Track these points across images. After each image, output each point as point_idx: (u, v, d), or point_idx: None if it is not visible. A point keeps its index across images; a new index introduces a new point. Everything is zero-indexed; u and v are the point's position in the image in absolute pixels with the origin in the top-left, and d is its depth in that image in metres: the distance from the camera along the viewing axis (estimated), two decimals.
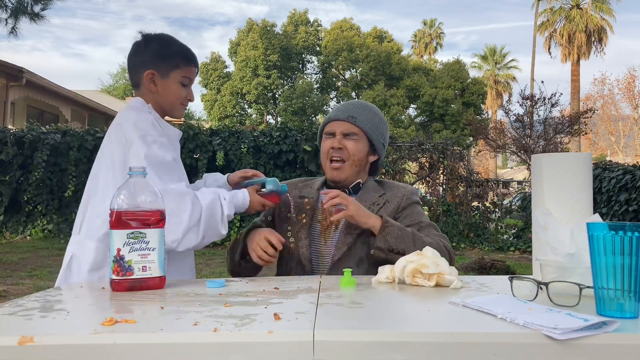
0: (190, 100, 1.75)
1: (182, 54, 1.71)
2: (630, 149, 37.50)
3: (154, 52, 1.69)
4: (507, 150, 12.55)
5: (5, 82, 13.91)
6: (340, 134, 1.76)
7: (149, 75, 1.67)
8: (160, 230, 1.29)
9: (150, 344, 0.83)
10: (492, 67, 40.09)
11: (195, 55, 1.76)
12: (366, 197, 1.76)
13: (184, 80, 1.70)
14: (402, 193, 1.78)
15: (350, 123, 1.76)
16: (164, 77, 1.68)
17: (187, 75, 1.71)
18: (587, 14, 30.07)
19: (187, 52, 1.73)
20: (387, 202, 1.75)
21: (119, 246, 1.25)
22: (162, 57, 1.68)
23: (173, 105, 1.72)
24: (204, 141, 9.51)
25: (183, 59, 1.70)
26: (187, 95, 1.73)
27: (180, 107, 1.73)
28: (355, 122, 1.76)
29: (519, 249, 9.40)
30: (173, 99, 1.70)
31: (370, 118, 1.79)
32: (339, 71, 33.99)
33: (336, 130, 1.77)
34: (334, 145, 1.75)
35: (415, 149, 10.70)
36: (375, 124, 1.80)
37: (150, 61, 1.68)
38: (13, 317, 1.00)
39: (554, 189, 1.27)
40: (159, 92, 1.69)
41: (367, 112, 1.79)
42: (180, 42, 1.74)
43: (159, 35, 1.74)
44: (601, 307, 0.94)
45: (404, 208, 1.75)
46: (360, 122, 1.76)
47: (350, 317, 0.98)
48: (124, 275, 1.25)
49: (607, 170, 9.35)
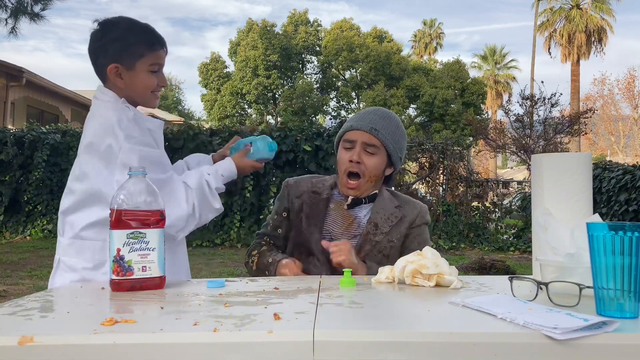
0: (163, 86, 1.63)
1: (145, 40, 1.56)
2: (630, 149, 37.50)
3: (114, 43, 1.54)
4: (507, 150, 12.55)
5: (5, 82, 13.91)
6: (361, 144, 1.71)
7: (113, 69, 1.55)
8: (160, 230, 1.29)
9: (150, 344, 0.83)
10: (492, 67, 40.11)
11: (161, 36, 1.61)
12: (383, 208, 1.76)
13: (152, 67, 1.57)
14: (418, 211, 1.78)
15: (372, 135, 1.71)
16: (130, 69, 1.55)
17: (155, 61, 1.57)
18: (587, 14, 30.08)
19: (151, 36, 1.58)
20: (404, 216, 1.76)
21: (118, 246, 1.25)
22: (123, 48, 1.54)
23: (144, 97, 1.60)
24: (204, 141, 9.51)
25: (147, 45, 1.56)
26: (159, 82, 1.61)
27: (153, 97, 1.62)
28: (377, 134, 1.71)
29: (519, 249, 9.40)
30: (143, 90, 1.58)
31: (392, 131, 1.74)
32: (339, 71, 33.99)
33: (357, 139, 1.71)
34: (352, 158, 1.70)
35: (415, 149, 10.70)
36: (397, 137, 1.75)
37: (111, 54, 1.54)
38: (13, 317, 0.99)
39: (554, 189, 1.27)
40: (128, 85, 1.56)
41: (390, 125, 1.74)
42: (141, 25, 1.59)
43: (117, 21, 1.58)
44: (601, 307, 0.94)
45: (417, 226, 1.78)
46: (382, 135, 1.71)
47: (350, 317, 0.98)
48: (124, 275, 1.25)
49: (607, 170, 9.35)
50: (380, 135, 1.71)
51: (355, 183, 1.72)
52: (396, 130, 1.75)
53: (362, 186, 1.73)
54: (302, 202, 1.79)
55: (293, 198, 1.81)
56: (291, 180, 1.87)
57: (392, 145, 1.73)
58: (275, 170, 9.56)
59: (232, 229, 9.55)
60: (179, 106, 44.53)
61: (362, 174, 1.71)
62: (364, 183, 1.73)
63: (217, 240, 9.45)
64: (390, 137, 1.73)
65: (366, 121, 1.72)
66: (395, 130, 1.75)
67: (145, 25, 1.60)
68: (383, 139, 1.71)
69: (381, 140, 1.71)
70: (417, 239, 1.76)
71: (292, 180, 1.87)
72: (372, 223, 1.73)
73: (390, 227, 1.73)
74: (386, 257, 1.71)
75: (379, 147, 1.72)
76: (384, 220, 1.73)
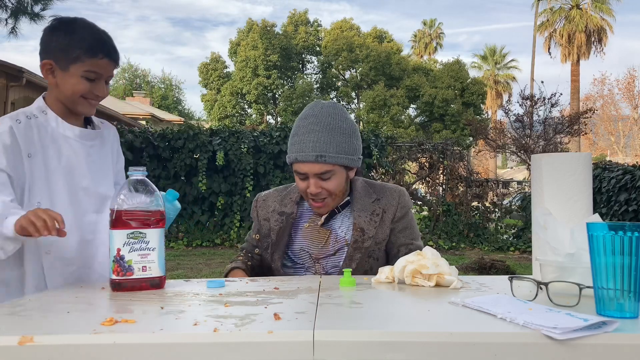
0: (100, 96, 1.55)
1: (87, 45, 1.49)
2: (630, 149, 37.50)
3: (57, 42, 1.51)
4: (507, 150, 12.55)
5: (5, 82, 13.90)
6: (314, 176, 1.61)
7: (46, 65, 1.51)
8: (160, 230, 1.29)
9: (150, 344, 0.83)
10: (492, 67, 40.10)
11: (110, 47, 1.55)
12: (362, 206, 1.71)
13: (88, 74, 1.50)
14: (397, 201, 1.73)
15: (321, 163, 1.59)
16: (64, 69, 1.50)
17: (92, 69, 1.50)
18: (586, 14, 30.08)
19: (96, 43, 1.51)
20: (385, 211, 1.71)
21: (118, 246, 1.25)
22: (63, 48, 1.49)
23: (71, 100, 1.52)
24: (204, 141, 9.52)
25: (87, 51, 1.49)
26: (94, 90, 1.53)
27: (82, 102, 1.53)
28: (325, 160, 1.58)
29: (518, 249, 9.40)
30: (70, 92, 1.51)
31: (340, 144, 1.60)
32: (339, 71, 33.99)
33: (308, 172, 1.61)
34: (310, 191, 1.63)
35: (415, 149, 10.71)
36: (347, 146, 1.62)
37: (51, 51, 1.51)
38: (13, 317, 1.00)
39: (554, 189, 1.27)
40: (58, 85, 1.52)
41: (334, 138, 1.60)
42: (92, 31, 1.53)
43: (70, 21, 1.54)
44: (601, 307, 0.94)
45: (400, 219, 1.73)
46: (331, 159, 1.59)
47: (350, 317, 0.98)
48: (124, 275, 1.25)
49: (607, 170, 9.35)
50: (329, 160, 1.59)
51: (322, 203, 1.66)
52: (343, 141, 1.61)
53: (329, 204, 1.68)
54: (270, 228, 1.74)
55: (262, 220, 1.78)
56: (261, 197, 1.83)
57: (344, 159, 1.62)
58: (275, 170, 9.56)
59: (232, 229, 9.55)
60: (179, 106, 44.55)
61: (326, 196, 1.65)
62: (331, 201, 1.67)
63: (217, 240, 9.45)
64: (341, 152, 1.61)
65: (309, 149, 1.59)
66: (342, 139, 1.61)
67: (97, 32, 1.54)
68: (334, 161, 1.59)
69: (332, 163, 1.60)
70: (403, 232, 1.73)
71: (261, 197, 1.83)
72: (358, 228, 1.68)
73: (375, 228, 1.69)
74: (376, 260, 1.69)
75: (332, 170, 1.61)
76: (368, 222, 1.69)
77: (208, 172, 9.53)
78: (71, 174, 1.54)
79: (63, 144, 1.54)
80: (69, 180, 1.53)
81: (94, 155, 1.60)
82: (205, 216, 9.70)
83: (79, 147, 1.56)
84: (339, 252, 1.69)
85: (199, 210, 9.69)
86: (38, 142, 1.50)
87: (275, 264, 1.71)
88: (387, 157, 10.42)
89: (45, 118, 1.54)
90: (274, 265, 1.71)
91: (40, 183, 1.47)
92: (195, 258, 8.05)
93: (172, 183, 9.54)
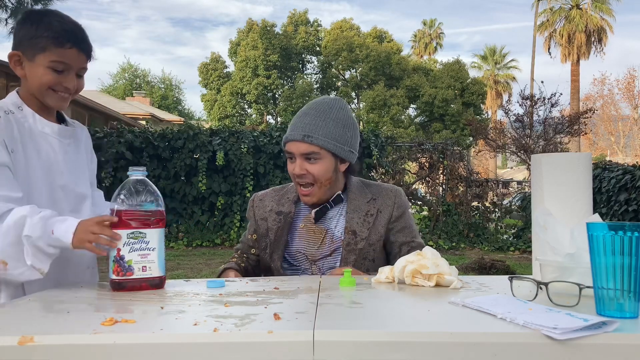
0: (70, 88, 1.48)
1: (53, 35, 1.43)
2: (630, 149, 37.50)
3: (25, 32, 1.45)
4: (507, 150, 12.54)
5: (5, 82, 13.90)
6: (300, 156, 1.61)
7: (13, 57, 1.46)
8: (160, 230, 1.29)
9: (150, 344, 0.83)
10: (492, 67, 40.11)
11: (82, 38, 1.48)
12: (355, 208, 1.71)
13: (53, 65, 1.44)
14: (393, 201, 1.72)
15: (307, 143, 1.59)
16: (30, 60, 1.45)
17: (59, 59, 1.44)
18: (586, 14, 30.09)
19: (63, 33, 1.44)
20: (380, 211, 1.71)
21: (119, 246, 1.25)
22: (29, 38, 1.44)
23: (40, 92, 1.47)
24: (204, 141, 9.52)
25: (53, 40, 1.43)
26: (63, 81, 1.46)
27: (51, 94, 1.47)
28: (312, 141, 1.58)
29: (518, 249, 9.40)
30: (38, 85, 1.45)
31: (330, 130, 1.60)
32: (339, 71, 34.00)
33: (294, 152, 1.62)
34: (295, 172, 1.62)
35: (415, 149, 10.71)
36: (338, 133, 1.62)
37: (17, 41, 1.46)
38: (13, 317, 1.00)
39: (554, 189, 1.27)
40: (27, 76, 1.47)
41: (326, 124, 1.60)
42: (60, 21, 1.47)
43: (40, 12, 1.51)
44: (601, 307, 0.94)
45: (397, 218, 1.73)
46: (318, 140, 1.59)
47: (350, 317, 0.98)
48: (124, 275, 1.25)
49: (607, 170, 9.35)
50: (316, 141, 1.59)
51: (308, 190, 1.65)
52: (335, 127, 1.62)
53: (315, 193, 1.65)
54: (267, 228, 1.74)
55: (259, 220, 1.77)
56: (257, 196, 1.83)
57: (333, 144, 1.61)
58: (275, 170, 9.56)
59: (232, 229, 9.55)
60: (179, 106, 44.53)
61: (312, 182, 1.64)
62: (317, 190, 1.65)
63: (217, 240, 9.45)
64: (329, 137, 1.60)
65: (299, 129, 1.61)
66: (334, 126, 1.61)
67: (66, 23, 1.47)
68: (320, 143, 1.59)
69: (319, 145, 1.59)
70: (402, 231, 1.72)
71: (258, 197, 1.83)
72: (349, 231, 1.67)
73: (368, 230, 1.68)
74: (372, 261, 1.68)
75: (319, 152, 1.60)
76: (361, 224, 1.68)
77: (208, 172, 9.53)
78: (50, 171, 1.49)
79: (41, 141, 1.49)
80: (48, 177, 1.49)
81: (70, 154, 1.55)
82: (205, 216, 9.70)
83: (57, 144, 1.51)
84: (335, 253, 1.68)
85: (199, 210, 9.69)
86: (18, 138, 1.44)
87: (275, 264, 1.71)
88: (387, 157, 10.42)
89: (22, 114, 1.48)
90: (273, 265, 1.71)
91: (20, 180, 1.42)
92: (195, 258, 8.05)
93: (172, 183, 9.55)
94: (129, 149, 9.30)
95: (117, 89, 40.28)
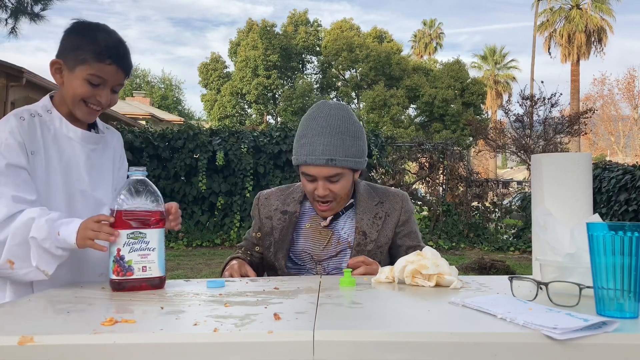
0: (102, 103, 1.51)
1: (95, 49, 1.47)
2: (630, 149, 37.50)
3: (70, 42, 1.51)
4: (507, 150, 12.54)
5: (5, 82, 13.91)
6: (323, 178, 1.62)
7: (55, 64, 1.50)
8: (160, 230, 1.29)
9: (150, 344, 0.83)
10: (492, 67, 40.10)
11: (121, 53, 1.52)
12: (366, 208, 1.73)
13: (92, 78, 1.47)
14: (400, 205, 1.76)
15: (330, 167, 1.60)
16: (71, 70, 1.49)
17: (97, 73, 1.47)
18: (586, 14, 30.08)
19: (105, 48, 1.48)
20: (388, 215, 1.74)
21: (119, 246, 1.25)
22: (73, 48, 1.49)
23: (72, 102, 1.50)
24: (204, 141, 9.52)
25: (94, 54, 1.47)
26: (97, 95, 1.49)
27: (81, 106, 1.50)
28: (335, 164, 1.60)
29: (519, 249, 9.40)
30: (72, 94, 1.49)
31: (348, 148, 1.62)
32: (339, 71, 33.99)
33: (317, 175, 1.62)
34: (319, 193, 1.63)
35: (415, 149, 10.71)
36: (355, 150, 1.64)
37: (62, 50, 1.51)
38: (13, 317, 1.00)
39: (554, 189, 1.27)
40: (65, 85, 1.51)
41: (344, 142, 1.61)
42: (107, 36, 1.51)
43: (88, 24, 1.54)
44: (601, 307, 0.94)
45: (404, 223, 1.76)
46: (341, 163, 1.60)
47: (350, 317, 0.98)
48: (124, 276, 1.25)
49: (607, 170, 9.35)
50: (339, 164, 1.60)
51: (327, 206, 1.67)
52: (352, 142, 1.63)
53: (334, 207, 1.69)
54: (272, 226, 1.75)
55: (263, 218, 1.78)
56: (263, 195, 1.84)
57: (353, 162, 1.63)
58: (275, 170, 9.56)
59: (232, 229, 9.55)
60: (179, 106, 44.55)
61: (333, 199, 1.66)
62: (336, 205, 1.69)
63: (217, 240, 9.46)
64: (350, 156, 1.62)
65: (319, 152, 1.59)
66: (351, 143, 1.62)
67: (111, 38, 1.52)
68: (343, 165, 1.61)
69: (341, 167, 1.61)
70: (409, 235, 1.76)
71: (263, 195, 1.83)
72: (360, 232, 1.69)
73: (377, 232, 1.70)
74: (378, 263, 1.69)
75: (341, 173, 1.63)
76: (370, 226, 1.70)
77: (208, 172, 9.54)
78: (69, 175, 1.52)
79: (64, 145, 1.52)
80: (67, 181, 1.51)
81: (93, 159, 1.57)
82: (205, 216, 9.70)
83: (79, 149, 1.54)
84: (341, 254, 1.70)
85: (199, 210, 9.69)
86: (40, 141, 1.48)
87: (279, 263, 1.71)
88: (387, 157, 10.42)
89: (50, 117, 1.52)
90: (277, 263, 1.72)
91: (39, 182, 1.45)
92: (195, 258, 8.05)
93: (172, 183, 9.55)
94: (129, 149, 9.29)
95: None
